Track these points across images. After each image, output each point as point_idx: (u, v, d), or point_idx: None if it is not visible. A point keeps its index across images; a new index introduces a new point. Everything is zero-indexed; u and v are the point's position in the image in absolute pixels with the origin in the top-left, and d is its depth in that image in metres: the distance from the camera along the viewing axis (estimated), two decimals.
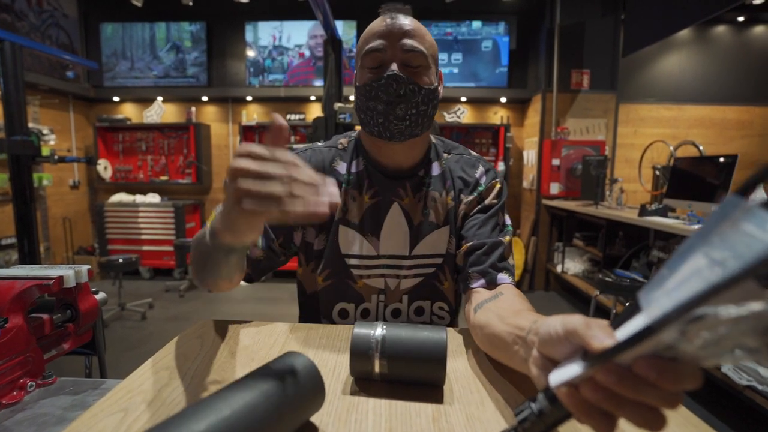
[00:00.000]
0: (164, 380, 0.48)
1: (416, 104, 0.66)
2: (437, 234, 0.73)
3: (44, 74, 3.66)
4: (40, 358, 0.58)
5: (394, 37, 0.66)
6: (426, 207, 0.73)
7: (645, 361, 0.25)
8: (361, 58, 0.68)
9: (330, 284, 0.73)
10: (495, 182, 0.75)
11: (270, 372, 0.37)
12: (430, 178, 0.74)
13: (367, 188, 0.73)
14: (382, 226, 0.72)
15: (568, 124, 3.77)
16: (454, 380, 0.49)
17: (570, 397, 0.28)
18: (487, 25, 4.05)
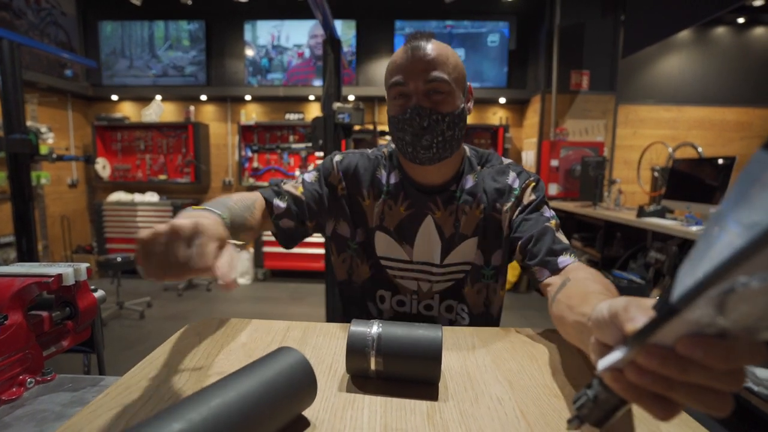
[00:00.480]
0: (162, 377, 0.49)
1: (442, 132, 0.69)
2: (466, 244, 0.77)
3: (42, 73, 3.65)
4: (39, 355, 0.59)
5: (417, 68, 0.67)
6: (458, 220, 0.77)
7: (687, 340, 0.23)
8: (388, 90, 0.72)
9: (372, 275, 0.81)
10: (529, 182, 0.77)
11: (261, 365, 0.38)
12: (461, 192, 0.77)
13: (403, 200, 0.78)
14: (415, 235, 0.78)
15: (567, 125, 3.78)
16: (449, 378, 0.50)
17: (616, 381, 0.27)
18: (486, 25, 4.06)
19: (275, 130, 4.37)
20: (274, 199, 0.76)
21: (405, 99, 0.70)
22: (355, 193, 0.80)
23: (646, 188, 3.51)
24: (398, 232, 0.78)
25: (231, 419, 0.31)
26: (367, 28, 4.16)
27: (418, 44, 0.69)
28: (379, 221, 0.79)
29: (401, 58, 0.69)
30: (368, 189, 0.80)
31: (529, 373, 0.52)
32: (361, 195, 0.80)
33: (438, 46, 0.69)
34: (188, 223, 0.42)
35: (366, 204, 0.79)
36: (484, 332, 0.65)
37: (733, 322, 0.21)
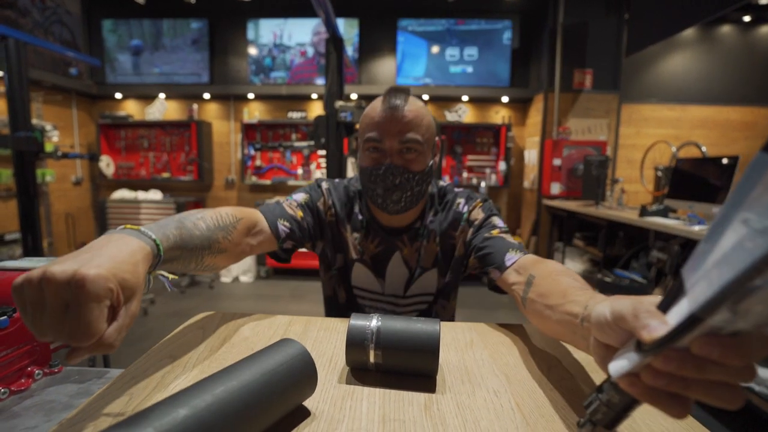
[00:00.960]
0: (167, 367, 0.50)
1: (411, 188, 0.75)
2: (426, 276, 0.84)
3: (47, 71, 3.68)
4: (46, 348, 0.60)
5: (393, 129, 0.71)
6: (420, 255, 0.83)
7: (704, 341, 0.24)
8: (363, 143, 0.75)
9: (346, 299, 0.87)
10: (476, 203, 0.83)
11: (263, 355, 0.39)
12: (424, 229, 0.84)
13: (373, 238, 0.84)
14: (386, 270, 0.84)
15: (570, 123, 3.77)
16: (447, 371, 0.51)
17: (633, 386, 0.28)
18: (489, 23, 4.06)
19: (278, 128, 4.39)
20: (278, 221, 0.75)
21: (379, 154, 0.73)
22: (338, 223, 0.85)
23: (649, 188, 3.50)
24: (374, 265, 0.84)
25: (234, 406, 0.32)
26: (369, 27, 4.16)
27: (396, 104, 0.72)
28: (359, 254, 0.84)
29: (378, 115, 0.73)
30: (348, 222, 0.85)
31: (526, 367, 0.53)
32: (344, 226, 0.85)
33: (414, 107, 0.73)
34: (64, 275, 0.33)
35: (347, 235, 0.85)
36: (481, 327, 0.66)
37: (748, 323, 0.22)
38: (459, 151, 4.34)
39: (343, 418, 0.40)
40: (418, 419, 0.41)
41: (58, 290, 0.33)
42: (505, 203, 4.43)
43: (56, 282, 0.33)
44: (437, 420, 0.41)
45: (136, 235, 0.44)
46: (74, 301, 0.33)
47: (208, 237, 0.57)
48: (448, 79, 4.14)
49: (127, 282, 0.37)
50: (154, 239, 0.46)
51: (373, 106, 0.75)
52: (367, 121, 0.75)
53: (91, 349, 0.34)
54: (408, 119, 0.71)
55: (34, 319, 0.33)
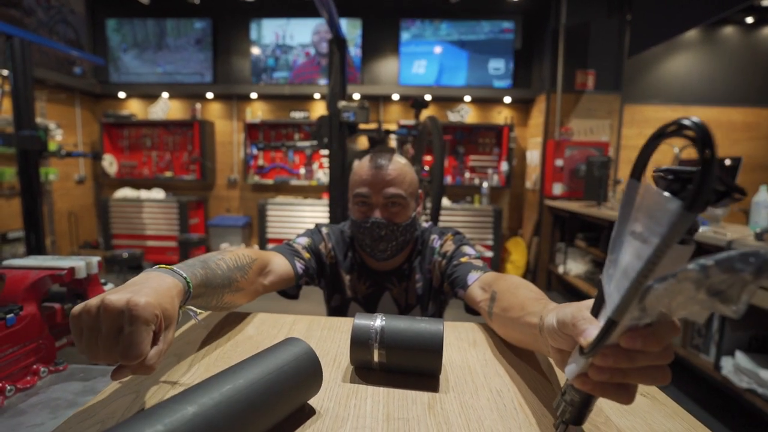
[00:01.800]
0: (173, 365, 0.50)
1: (396, 237, 0.83)
2: (413, 313, 0.91)
3: (51, 70, 3.69)
4: (52, 346, 0.60)
5: (378, 186, 0.81)
6: (407, 294, 0.91)
7: (627, 336, 0.29)
8: (352, 196, 0.85)
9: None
10: (447, 237, 0.90)
11: (269, 354, 0.39)
12: (411, 270, 0.91)
13: (364, 281, 0.92)
14: (377, 308, 0.92)
15: (572, 124, 3.77)
16: (450, 370, 0.51)
17: (585, 384, 0.33)
18: (492, 24, 4.05)
19: (280, 128, 4.40)
20: (294, 260, 0.82)
21: (367, 207, 0.83)
22: (337, 265, 0.93)
23: None
24: (366, 304, 0.92)
25: (241, 405, 0.32)
26: (372, 27, 4.17)
27: (381, 163, 0.82)
28: (353, 294, 0.92)
29: (366, 173, 0.82)
30: (344, 264, 0.93)
31: (528, 367, 0.53)
32: (342, 268, 0.93)
33: (397, 166, 0.83)
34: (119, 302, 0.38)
35: (344, 276, 0.93)
36: (484, 327, 0.66)
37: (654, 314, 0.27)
38: (461, 152, 4.34)
39: (348, 417, 0.41)
40: (422, 418, 0.41)
41: (115, 316, 0.38)
42: (507, 204, 4.42)
43: (113, 308, 0.38)
44: (441, 419, 0.41)
45: (170, 273, 0.49)
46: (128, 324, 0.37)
47: (228, 276, 0.60)
48: (450, 80, 4.14)
49: (167, 311, 0.42)
50: (185, 277, 0.50)
51: (362, 165, 0.85)
52: (356, 178, 0.84)
53: (135, 369, 0.38)
54: (392, 176, 0.81)
55: (89, 343, 0.38)
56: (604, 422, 0.41)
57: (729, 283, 0.23)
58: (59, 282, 0.62)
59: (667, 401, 0.46)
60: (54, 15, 3.79)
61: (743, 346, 1.80)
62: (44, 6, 3.68)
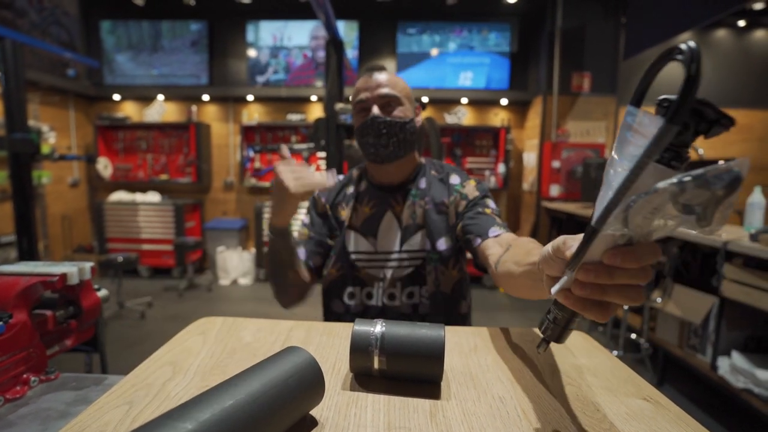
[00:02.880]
0: (168, 374, 0.49)
1: (396, 133, 0.88)
2: (419, 234, 0.91)
3: (45, 72, 3.66)
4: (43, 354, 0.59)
5: (373, 89, 0.88)
6: (414, 212, 0.92)
7: (609, 253, 0.32)
8: (354, 107, 0.92)
9: (341, 274, 0.93)
10: (468, 181, 0.94)
11: (271, 365, 0.38)
12: (417, 190, 0.94)
13: (368, 202, 0.96)
14: (378, 228, 0.93)
15: (569, 126, 3.78)
16: (452, 377, 0.50)
17: (567, 298, 0.36)
18: (488, 26, 4.07)
19: (277, 130, 4.38)
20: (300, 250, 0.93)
21: (366, 112, 0.89)
22: (333, 208, 0.99)
23: None
24: (364, 228, 0.94)
25: (243, 422, 0.31)
26: (369, 29, 4.17)
27: (373, 71, 0.90)
28: (350, 221, 0.95)
29: (361, 82, 0.91)
30: (341, 201, 0.98)
31: (530, 373, 0.52)
32: (338, 210, 0.98)
33: (389, 74, 0.91)
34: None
35: (343, 213, 0.97)
36: (485, 332, 0.66)
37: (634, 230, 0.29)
38: (458, 154, 4.34)
39: (348, 426, 0.40)
40: (424, 427, 0.40)
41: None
42: (504, 205, 4.43)
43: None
44: (443, 427, 0.40)
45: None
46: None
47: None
48: (447, 82, 4.15)
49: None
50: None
51: (358, 81, 0.92)
52: (355, 92, 0.92)
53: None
54: (384, 80, 0.88)
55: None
56: (608, 429, 0.40)
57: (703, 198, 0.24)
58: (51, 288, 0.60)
59: (670, 405, 0.45)
60: (47, 16, 3.76)
61: (739, 346, 1.81)
62: (37, 7, 3.65)
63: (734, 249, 1.65)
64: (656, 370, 2.17)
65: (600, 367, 0.54)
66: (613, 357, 0.56)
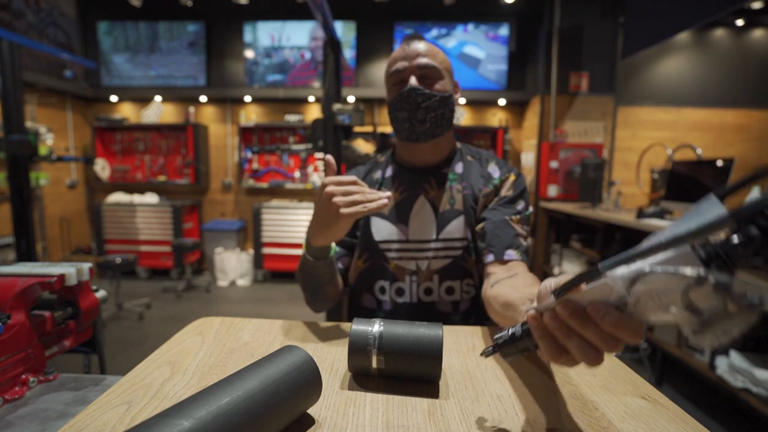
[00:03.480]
0: (166, 374, 0.49)
1: (434, 108, 0.79)
2: (459, 220, 0.83)
3: (42, 73, 3.66)
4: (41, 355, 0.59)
5: (411, 58, 0.80)
6: (452, 197, 0.84)
7: (597, 304, 0.30)
8: (388, 79, 0.84)
9: (369, 265, 0.85)
10: (509, 175, 0.85)
11: (268, 363, 0.38)
12: (454, 174, 0.86)
13: (397, 186, 0.87)
14: (410, 215, 0.84)
15: (567, 126, 3.79)
16: (450, 376, 0.50)
17: (533, 319, 0.35)
18: (486, 26, 4.07)
19: (275, 131, 4.38)
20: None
21: (402, 84, 0.80)
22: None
23: (645, 190, 3.52)
24: (393, 214, 0.85)
25: (240, 418, 0.31)
26: (367, 30, 4.17)
27: (413, 41, 0.82)
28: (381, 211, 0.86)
29: (399, 52, 0.82)
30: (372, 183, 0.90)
31: (529, 372, 0.52)
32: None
33: (429, 44, 0.82)
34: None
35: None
36: (483, 331, 0.66)
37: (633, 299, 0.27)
38: None
39: (347, 425, 0.40)
40: (422, 426, 0.40)
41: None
42: None
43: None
44: (441, 426, 0.40)
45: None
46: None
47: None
48: None
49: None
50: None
51: (395, 51, 0.85)
52: (391, 61, 0.83)
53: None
54: (424, 49, 0.80)
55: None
56: (606, 427, 0.41)
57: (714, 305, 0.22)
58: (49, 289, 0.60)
59: (669, 404, 0.45)
60: (44, 18, 3.75)
61: (737, 345, 1.81)
62: (34, 9, 3.64)
63: None
64: (654, 369, 2.17)
65: (601, 369, 0.54)
66: (612, 356, 0.57)
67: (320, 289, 0.75)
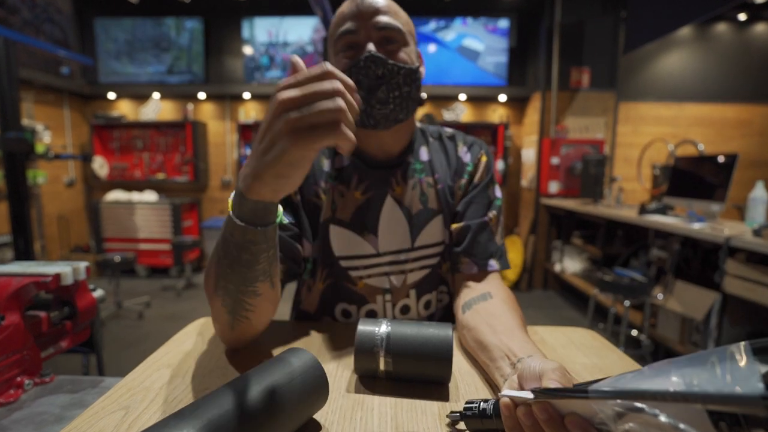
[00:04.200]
0: (165, 378, 0.47)
1: (398, 85, 0.60)
2: (435, 221, 0.69)
3: (38, 70, 3.62)
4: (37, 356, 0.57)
5: (366, 15, 0.60)
6: (423, 194, 0.68)
7: (576, 419, 0.29)
8: (334, 45, 0.63)
9: (329, 284, 0.68)
10: (480, 156, 0.72)
11: (273, 368, 0.37)
12: (420, 163, 0.70)
13: (357, 183, 0.67)
14: (378, 221, 0.67)
15: (568, 122, 3.77)
16: (459, 378, 0.49)
17: (507, 408, 0.34)
18: (486, 22, 4.05)
19: None
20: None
21: (355, 51, 0.61)
22: (306, 195, 0.68)
23: (647, 186, 3.51)
24: (356, 221, 0.67)
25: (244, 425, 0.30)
26: None
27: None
28: (331, 213, 0.67)
29: (349, 7, 0.62)
30: (316, 179, 0.68)
31: None
32: (315, 194, 0.68)
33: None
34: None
35: (323, 198, 0.68)
36: None
37: (621, 430, 0.25)
38: None
39: (355, 430, 0.38)
40: (434, 430, 0.38)
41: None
42: (503, 202, 4.42)
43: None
44: (454, 430, 0.38)
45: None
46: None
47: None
48: (445, 78, 4.13)
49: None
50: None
51: (341, 6, 0.64)
52: (337, 20, 0.63)
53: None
54: (383, 4, 0.61)
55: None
56: None
57: None
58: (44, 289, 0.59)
59: None
60: (40, 14, 3.72)
61: None
62: (29, 4, 3.61)
63: (737, 244, 1.64)
64: None
65: (612, 366, 0.52)
66: (625, 356, 0.55)
67: (248, 288, 0.45)
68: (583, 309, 3.17)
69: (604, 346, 0.59)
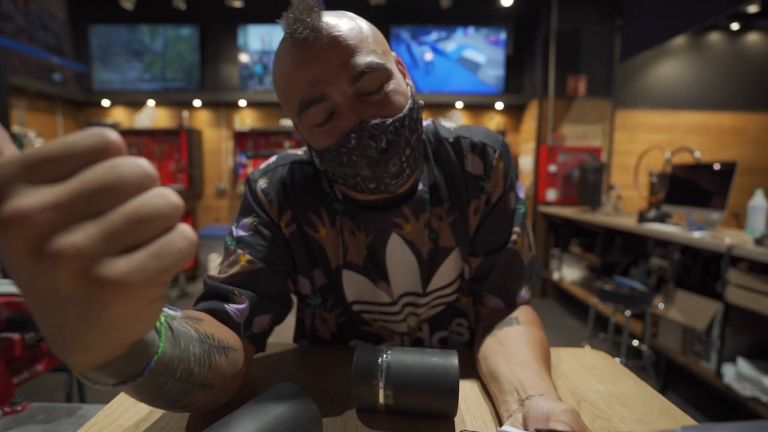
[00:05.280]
0: (143, 412, 0.43)
1: (407, 141, 0.47)
2: (450, 260, 0.59)
3: (31, 77, 3.58)
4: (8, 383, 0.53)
5: (332, 66, 0.43)
6: (432, 231, 0.57)
7: None
8: (298, 117, 0.47)
9: (343, 321, 0.62)
10: (495, 162, 0.57)
11: (262, 408, 0.33)
12: (427, 188, 0.56)
13: (358, 225, 0.57)
14: (386, 266, 0.58)
15: (565, 130, 3.77)
16: (466, 410, 0.45)
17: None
18: (483, 30, 4.06)
19: (270, 135, 4.32)
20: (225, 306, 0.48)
21: (333, 121, 0.46)
22: (303, 224, 0.56)
23: (644, 193, 3.50)
24: (368, 266, 0.57)
25: None
26: None
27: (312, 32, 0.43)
28: (343, 256, 0.57)
29: (296, 58, 0.44)
30: (317, 211, 0.56)
31: None
32: (311, 224, 0.56)
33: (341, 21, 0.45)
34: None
35: (322, 235, 0.57)
36: None
37: None
38: None
39: None
40: None
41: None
42: None
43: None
44: None
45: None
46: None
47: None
48: (442, 86, 4.12)
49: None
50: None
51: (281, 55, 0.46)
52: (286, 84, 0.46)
53: None
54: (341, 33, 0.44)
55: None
56: None
57: None
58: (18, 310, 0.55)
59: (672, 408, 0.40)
60: (33, 21, 3.68)
61: (743, 352, 1.77)
62: (23, 11, 3.57)
63: (739, 253, 1.62)
64: (659, 377, 2.13)
65: (629, 395, 0.48)
66: (641, 382, 0.51)
67: (177, 405, 0.35)
68: (583, 318, 3.14)
69: (619, 371, 0.55)
